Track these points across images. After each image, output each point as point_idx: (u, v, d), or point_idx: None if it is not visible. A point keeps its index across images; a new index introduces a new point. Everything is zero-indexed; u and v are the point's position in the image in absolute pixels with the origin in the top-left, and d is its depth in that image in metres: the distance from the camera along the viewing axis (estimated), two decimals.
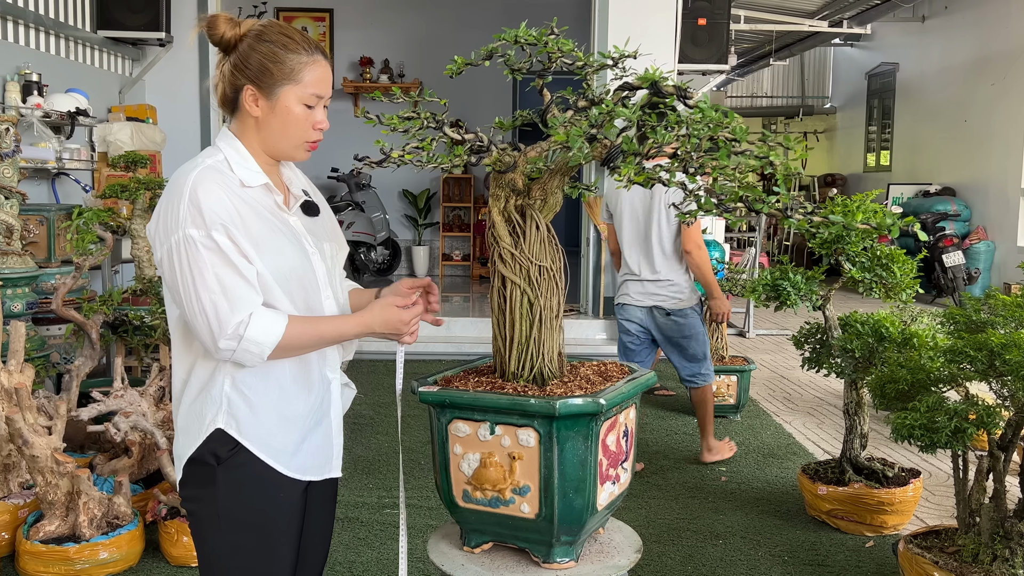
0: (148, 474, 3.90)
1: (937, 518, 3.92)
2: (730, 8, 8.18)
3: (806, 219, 1.42)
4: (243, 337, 1.64)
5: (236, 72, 1.75)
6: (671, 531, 3.76)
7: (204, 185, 1.67)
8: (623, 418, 1.79)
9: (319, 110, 1.79)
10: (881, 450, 4.82)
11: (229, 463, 1.75)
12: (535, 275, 1.70)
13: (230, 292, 1.64)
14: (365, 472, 4.46)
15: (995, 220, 10.35)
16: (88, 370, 4.08)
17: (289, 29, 1.78)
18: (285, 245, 1.76)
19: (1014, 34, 10.04)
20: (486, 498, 1.71)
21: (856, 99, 14.92)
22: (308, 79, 1.75)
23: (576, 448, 1.63)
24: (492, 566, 1.75)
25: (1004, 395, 2.80)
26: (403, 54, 11.01)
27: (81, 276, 4.24)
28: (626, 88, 1.61)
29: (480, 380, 1.81)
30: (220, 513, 1.76)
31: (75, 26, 7.16)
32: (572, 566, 1.72)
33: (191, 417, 1.77)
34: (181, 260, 1.65)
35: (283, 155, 1.83)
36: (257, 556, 1.79)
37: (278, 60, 1.73)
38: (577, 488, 1.65)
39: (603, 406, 1.62)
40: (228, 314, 1.64)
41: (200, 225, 1.64)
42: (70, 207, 5.28)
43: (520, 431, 1.65)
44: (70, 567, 3.17)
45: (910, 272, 3.69)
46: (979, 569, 2.79)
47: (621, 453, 1.79)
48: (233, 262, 1.66)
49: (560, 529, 1.67)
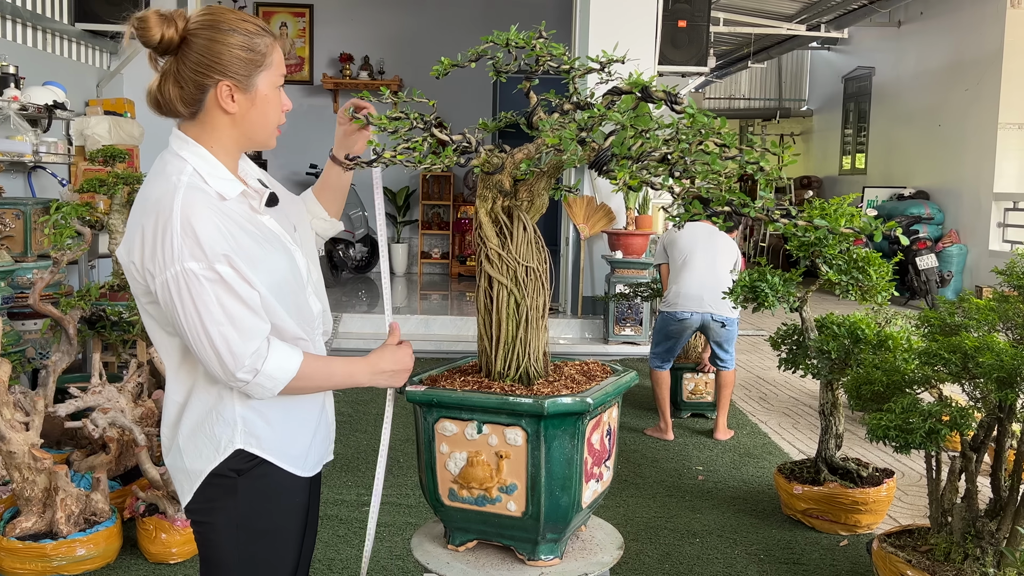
0: (126, 470, 3.88)
1: (910, 517, 3.98)
2: (710, 10, 8.23)
3: (791, 223, 1.45)
4: (259, 371, 1.61)
5: (202, 70, 1.63)
6: (649, 529, 3.79)
7: (196, 212, 1.58)
8: (607, 417, 1.82)
9: (282, 91, 1.74)
10: (855, 450, 4.88)
11: (250, 474, 1.71)
12: (522, 275, 1.71)
13: (239, 323, 1.58)
14: (344, 470, 4.46)
15: (967, 223, 10.50)
16: (65, 366, 4.05)
17: (240, 13, 1.69)
18: (273, 254, 1.70)
19: (988, 40, 10.18)
20: (472, 496, 1.72)
21: (832, 102, 15.06)
22: (275, 60, 1.69)
23: (563, 447, 1.65)
24: (477, 564, 1.77)
25: (976, 397, 2.85)
26: (383, 51, 10.99)
27: (59, 271, 4.21)
28: (615, 92, 1.63)
29: (466, 380, 1.82)
30: (239, 523, 1.72)
31: (52, 18, 7.09)
32: (557, 563, 1.74)
33: (200, 439, 1.71)
34: (182, 295, 1.57)
35: (258, 145, 1.75)
36: (267, 562, 1.77)
37: (251, 48, 1.65)
38: (563, 486, 1.67)
39: (590, 405, 1.65)
40: (240, 345, 1.58)
41: (200, 258, 1.56)
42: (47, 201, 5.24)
43: (508, 430, 1.66)
44: (47, 564, 3.16)
45: (886, 275, 3.75)
46: (951, 568, 2.84)
47: (605, 451, 1.82)
48: (238, 292, 1.59)
49: (546, 527, 1.69)
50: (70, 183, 6.55)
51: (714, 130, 1.46)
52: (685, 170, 1.53)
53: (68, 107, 6.61)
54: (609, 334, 7.35)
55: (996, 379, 2.64)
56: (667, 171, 1.50)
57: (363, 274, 10.65)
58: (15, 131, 5.98)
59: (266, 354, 1.61)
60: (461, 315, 7.83)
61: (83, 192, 4.92)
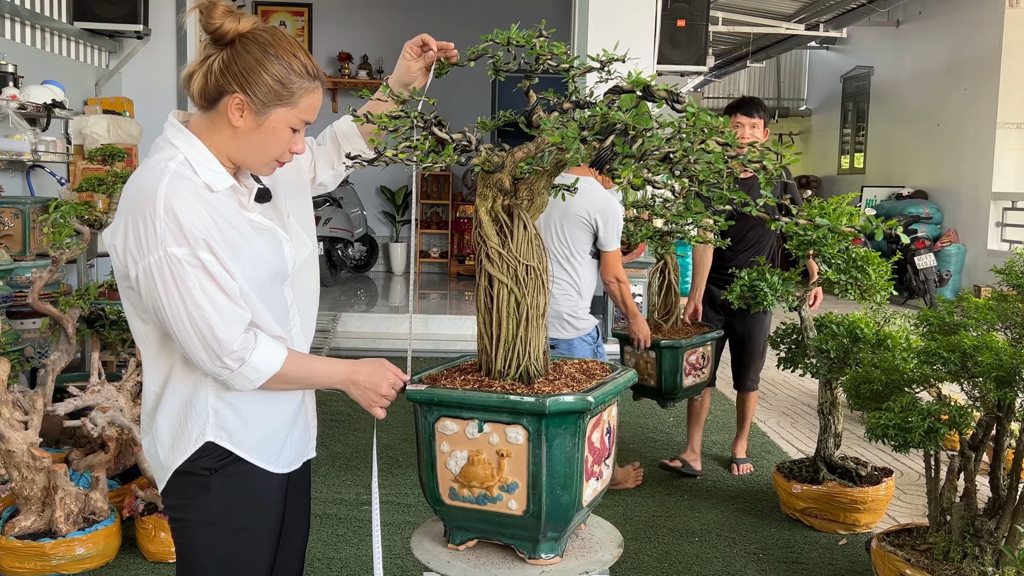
0: (125, 469, 3.88)
1: (909, 516, 3.99)
2: (709, 10, 8.24)
3: (792, 221, 1.45)
4: (246, 362, 1.61)
5: (227, 75, 1.63)
6: (647, 528, 3.79)
7: (179, 197, 1.57)
8: (607, 415, 1.82)
9: (301, 134, 1.73)
10: (854, 449, 4.89)
11: (224, 472, 1.72)
12: (522, 274, 1.71)
13: (221, 309, 1.59)
14: (343, 468, 4.46)
15: (966, 223, 10.51)
16: (64, 364, 4.05)
17: (295, 46, 1.68)
18: (260, 246, 1.70)
19: (986, 40, 10.19)
20: (473, 495, 1.72)
21: (831, 102, 15.07)
22: (303, 105, 1.68)
23: (564, 445, 1.65)
24: (478, 563, 1.77)
25: (975, 396, 2.86)
26: (382, 50, 10.99)
27: (57, 270, 4.20)
28: (616, 91, 1.63)
29: (467, 378, 1.82)
30: (213, 521, 1.73)
31: (51, 17, 7.08)
32: (557, 562, 1.74)
33: (173, 430, 1.71)
34: (165, 280, 1.56)
35: (249, 168, 1.73)
36: (242, 560, 1.78)
37: (283, 83, 1.64)
38: (564, 484, 1.67)
39: (591, 404, 1.65)
40: (224, 331, 1.59)
41: (183, 243, 1.56)
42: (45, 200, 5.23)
43: (509, 428, 1.66)
44: (46, 563, 3.16)
45: (884, 274, 3.75)
46: (950, 567, 2.84)
47: (605, 450, 1.82)
48: (218, 280, 1.59)
49: (547, 525, 1.69)
50: (69, 182, 6.54)
51: (717, 129, 1.46)
52: (685, 168, 1.53)
53: (67, 106, 6.60)
54: (608, 333, 7.35)
55: (995, 378, 2.64)
56: (668, 169, 1.50)
57: (362, 273, 10.64)
58: (14, 130, 5.98)
59: (254, 345, 1.62)
60: (460, 314, 7.83)
61: (82, 191, 4.92)
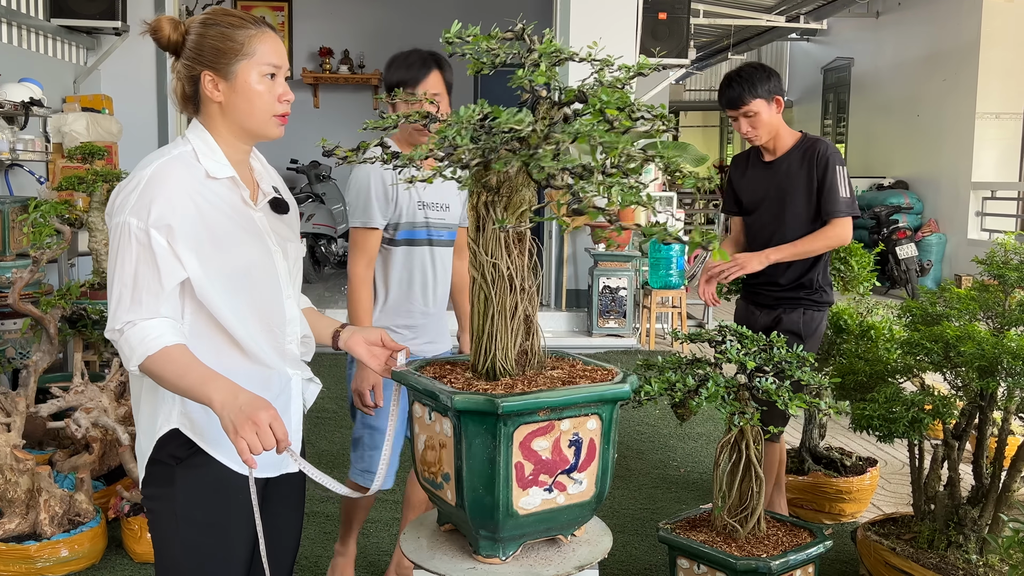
0: (109, 470, 3.85)
1: (893, 506, 4.02)
2: (690, 2, 8.25)
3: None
4: (123, 334, 1.65)
5: (190, 63, 1.76)
6: (635, 521, 3.80)
7: (162, 177, 1.68)
8: (568, 426, 1.66)
9: (280, 82, 1.79)
10: (839, 439, 4.92)
11: (188, 463, 1.75)
12: (489, 271, 1.69)
13: (138, 292, 1.65)
14: (329, 466, 4.44)
15: (946, 213, 10.59)
16: (46, 365, 4.02)
17: (231, 10, 1.81)
18: (246, 240, 1.76)
19: (964, 30, 10.25)
20: (428, 479, 1.74)
21: (812, 93, 15.13)
22: (260, 50, 1.76)
23: (484, 445, 1.59)
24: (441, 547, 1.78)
25: (958, 385, 2.88)
26: (363, 45, 10.92)
27: (38, 270, 4.16)
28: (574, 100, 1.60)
29: (445, 368, 1.82)
30: (179, 513, 1.75)
31: (28, 14, 7.00)
32: (498, 563, 1.68)
33: (146, 415, 1.77)
34: (113, 242, 1.68)
35: (256, 134, 1.81)
36: (214, 556, 1.79)
37: (228, 38, 1.74)
38: (486, 485, 1.60)
39: (500, 407, 1.54)
40: (125, 311, 1.65)
41: (142, 217, 1.65)
42: (25, 199, 5.17)
43: (443, 420, 1.66)
44: (31, 566, 3.13)
45: (867, 265, 3.77)
46: (934, 555, 2.87)
47: (562, 462, 1.66)
48: (158, 265, 1.65)
49: (475, 522, 1.65)
50: (48, 181, 6.48)
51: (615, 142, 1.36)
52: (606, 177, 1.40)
53: (45, 104, 6.53)
54: (593, 327, 7.37)
55: (977, 368, 2.66)
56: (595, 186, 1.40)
57: (344, 268, 10.59)
58: None
59: (136, 322, 1.65)
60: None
61: (61, 190, 4.88)
